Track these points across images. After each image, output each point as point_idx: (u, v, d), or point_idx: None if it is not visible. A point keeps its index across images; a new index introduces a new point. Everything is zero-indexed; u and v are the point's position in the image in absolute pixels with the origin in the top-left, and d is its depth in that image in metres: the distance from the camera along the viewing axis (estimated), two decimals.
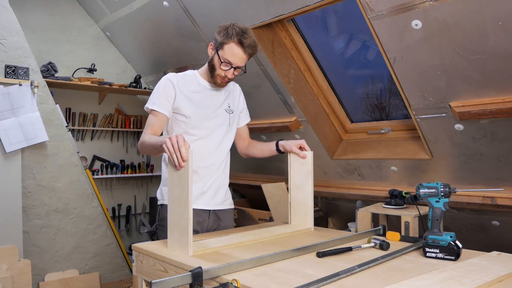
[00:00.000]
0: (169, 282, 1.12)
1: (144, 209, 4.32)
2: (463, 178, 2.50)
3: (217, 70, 1.86)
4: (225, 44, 1.80)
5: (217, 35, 1.83)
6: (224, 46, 1.80)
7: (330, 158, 3.13)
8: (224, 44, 1.80)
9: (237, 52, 1.80)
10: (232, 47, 1.80)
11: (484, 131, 2.22)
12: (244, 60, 1.85)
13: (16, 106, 3.07)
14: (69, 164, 3.39)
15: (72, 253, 3.41)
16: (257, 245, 1.59)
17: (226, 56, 1.81)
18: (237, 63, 1.83)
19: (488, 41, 1.89)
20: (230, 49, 1.80)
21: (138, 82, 4.11)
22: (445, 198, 1.44)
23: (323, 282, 1.13)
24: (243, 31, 1.80)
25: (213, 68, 1.87)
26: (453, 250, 1.37)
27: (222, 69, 1.85)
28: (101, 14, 3.86)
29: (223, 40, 1.80)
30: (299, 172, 1.89)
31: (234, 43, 1.79)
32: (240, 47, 1.80)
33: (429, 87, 2.23)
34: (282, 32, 2.87)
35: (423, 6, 1.93)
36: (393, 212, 2.47)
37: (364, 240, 1.64)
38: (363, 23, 2.21)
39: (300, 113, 3.02)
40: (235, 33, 1.78)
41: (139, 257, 1.59)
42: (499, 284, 1.11)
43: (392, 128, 2.87)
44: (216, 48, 1.84)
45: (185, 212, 1.45)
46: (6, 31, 3.10)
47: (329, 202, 3.50)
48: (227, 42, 1.79)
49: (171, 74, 1.91)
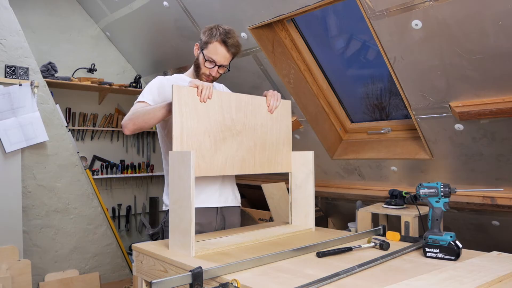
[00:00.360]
0: (169, 282, 1.12)
1: (144, 209, 4.32)
2: (463, 178, 2.50)
3: (202, 68, 1.93)
4: (209, 43, 1.89)
5: (202, 35, 1.92)
6: (209, 45, 1.89)
7: (330, 158, 3.13)
8: (208, 44, 1.89)
9: (220, 51, 1.88)
10: (216, 46, 1.88)
11: (484, 131, 2.22)
12: (227, 59, 1.92)
13: (16, 106, 3.07)
14: (69, 164, 3.39)
15: (72, 253, 3.41)
16: (257, 245, 1.59)
17: (210, 55, 1.89)
18: (221, 62, 1.91)
19: (488, 41, 1.89)
20: (214, 48, 1.88)
21: (138, 82, 4.12)
22: (445, 198, 1.44)
23: (323, 282, 1.13)
24: (226, 31, 1.89)
25: (198, 66, 1.94)
26: (453, 250, 1.37)
27: (206, 67, 1.92)
28: (101, 14, 3.86)
29: (208, 40, 1.89)
30: (300, 172, 1.89)
31: (218, 42, 1.88)
32: (224, 46, 1.88)
33: (429, 87, 2.23)
34: (282, 32, 2.87)
35: (423, 6, 1.93)
36: (393, 212, 2.48)
37: (364, 240, 1.64)
38: (363, 23, 2.21)
39: (300, 113, 3.02)
40: (219, 33, 1.87)
41: (139, 257, 1.59)
42: (499, 284, 1.11)
43: (392, 128, 2.87)
44: (201, 48, 1.92)
45: (187, 213, 1.45)
46: (6, 31, 3.10)
47: (329, 202, 3.50)
48: (211, 41, 1.88)
49: (162, 76, 1.98)
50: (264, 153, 1.82)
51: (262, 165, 1.81)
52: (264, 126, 1.82)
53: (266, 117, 1.84)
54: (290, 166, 1.92)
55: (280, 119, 1.89)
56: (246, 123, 1.76)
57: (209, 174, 1.63)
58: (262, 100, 1.84)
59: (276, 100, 1.86)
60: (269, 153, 1.84)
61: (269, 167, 1.84)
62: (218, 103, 1.66)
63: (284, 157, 1.90)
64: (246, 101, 1.77)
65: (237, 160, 1.72)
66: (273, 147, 1.85)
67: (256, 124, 1.79)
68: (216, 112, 1.66)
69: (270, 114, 1.85)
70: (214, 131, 1.64)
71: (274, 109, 1.86)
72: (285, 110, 1.92)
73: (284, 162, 1.90)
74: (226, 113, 1.69)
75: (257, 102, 1.81)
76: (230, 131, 1.70)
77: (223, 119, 1.68)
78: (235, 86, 2.97)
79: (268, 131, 1.84)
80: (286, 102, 1.93)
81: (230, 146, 1.69)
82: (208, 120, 1.63)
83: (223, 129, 1.67)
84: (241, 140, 1.73)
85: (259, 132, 1.80)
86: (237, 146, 1.72)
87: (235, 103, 1.73)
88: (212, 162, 1.63)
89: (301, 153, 1.90)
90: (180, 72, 2.09)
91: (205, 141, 1.61)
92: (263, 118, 1.83)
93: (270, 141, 1.84)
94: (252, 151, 1.77)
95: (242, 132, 1.74)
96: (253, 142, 1.78)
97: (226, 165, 1.67)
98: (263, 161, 1.81)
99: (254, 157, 1.78)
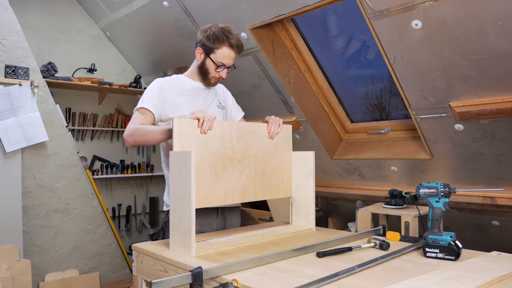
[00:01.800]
0: (169, 282, 1.12)
1: (144, 209, 4.32)
2: (463, 178, 2.50)
3: (211, 73, 1.94)
4: (218, 48, 1.89)
5: (205, 41, 1.91)
6: (216, 50, 1.89)
7: (330, 158, 3.13)
8: (216, 49, 1.89)
9: (229, 53, 1.91)
10: (224, 50, 1.90)
11: (484, 131, 2.22)
12: (234, 58, 1.96)
13: (16, 106, 3.07)
14: (69, 164, 3.39)
15: (72, 253, 3.41)
16: (257, 245, 1.59)
17: (219, 60, 1.91)
18: (230, 63, 1.95)
19: (488, 41, 1.89)
20: (222, 52, 1.90)
21: (138, 82, 4.12)
22: (445, 198, 1.44)
23: (323, 282, 1.13)
24: (229, 33, 1.90)
25: (206, 71, 1.95)
26: (453, 250, 1.37)
27: (217, 72, 1.94)
28: (101, 14, 3.86)
29: (214, 45, 1.89)
30: (300, 172, 1.89)
31: (226, 47, 1.89)
32: (231, 49, 1.90)
33: (429, 87, 2.23)
34: (282, 32, 2.87)
35: (423, 6, 1.93)
36: (393, 212, 2.48)
37: (364, 240, 1.64)
38: (363, 23, 2.21)
39: (300, 113, 3.02)
40: (225, 37, 1.88)
41: (139, 257, 1.59)
42: (499, 284, 1.11)
43: (392, 128, 2.87)
44: (207, 53, 1.92)
45: (188, 213, 1.45)
46: (6, 31, 3.10)
47: (329, 202, 3.50)
48: (219, 46, 1.89)
49: (161, 78, 1.97)
50: (265, 180, 1.80)
51: (263, 192, 1.80)
52: (264, 153, 1.80)
53: (266, 143, 1.81)
54: (290, 190, 1.91)
55: (281, 144, 1.87)
56: (247, 151, 1.73)
57: (209, 205, 1.61)
58: (263, 126, 1.82)
59: (278, 126, 1.85)
60: (269, 180, 1.82)
61: (270, 193, 1.83)
62: (218, 133, 1.64)
63: (285, 182, 1.89)
64: (246, 129, 1.74)
65: (238, 189, 1.70)
66: (273, 173, 1.84)
67: (257, 151, 1.77)
68: (217, 143, 1.63)
69: (270, 141, 1.83)
70: (214, 161, 1.62)
71: (275, 135, 1.84)
72: (286, 135, 1.90)
73: (285, 187, 1.89)
74: (226, 143, 1.66)
75: (258, 129, 1.79)
76: (231, 160, 1.68)
77: (223, 148, 1.65)
78: (235, 86, 2.97)
79: (269, 157, 1.82)
80: (287, 127, 1.92)
81: (231, 175, 1.67)
82: (209, 151, 1.60)
83: (223, 159, 1.65)
84: (241, 168, 1.71)
85: (259, 159, 1.78)
86: (237, 174, 1.70)
87: (236, 132, 1.70)
88: (212, 193, 1.60)
89: (302, 153, 1.90)
90: (180, 72, 2.08)
91: (206, 172, 1.58)
92: (264, 145, 1.80)
93: (271, 167, 1.83)
94: (253, 179, 1.75)
95: (243, 160, 1.72)
96: (254, 169, 1.76)
97: (227, 195, 1.66)
98: (264, 188, 1.80)
99: (255, 184, 1.76)
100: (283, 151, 1.89)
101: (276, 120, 1.86)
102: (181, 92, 1.94)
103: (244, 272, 1.26)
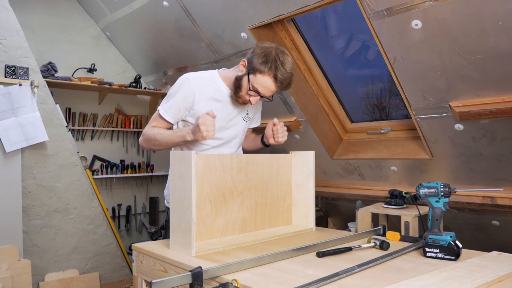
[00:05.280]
0: (169, 282, 1.12)
1: (144, 209, 4.32)
2: (463, 178, 2.50)
3: (242, 92, 1.78)
4: (260, 73, 1.71)
5: (255, 58, 1.72)
6: (258, 74, 1.71)
7: (330, 158, 3.13)
8: (258, 72, 1.71)
9: (269, 85, 1.73)
10: (265, 79, 1.71)
11: (484, 131, 2.22)
12: (273, 92, 1.77)
13: (16, 106, 3.07)
14: (69, 164, 3.39)
15: (72, 253, 3.41)
16: (257, 245, 1.59)
17: (256, 85, 1.73)
18: (266, 94, 1.77)
19: (488, 41, 1.89)
20: (263, 80, 1.71)
21: (138, 82, 4.11)
22: (445, 198, 1.44)
23: (323, 282, 1.13)
24: (282, 64, 1.69)
25: (239, 88, 1.78)
26: (453, 250, 1.37)
27: (248, 94, 1.78)
28: (101, 14, 3.86)
29: (259, 68, 1.70)
30: (300, 172, 1.89)
31: (269, 77, 1.70)
32: (274, 82, 1.72)
33: (429, 87, 2.23)
34: (282, 32, 2.87)
35: (423, 6, 1.93)
36: (393, 212, 2.48)
37: (364, 240, 1.64)
38: (363, 23, 2.21)
39: (300, 113, 3.02)
40: (274, 67, 1.68)
41: (139, 257, 1.59)
42: (499, 284, 1.11)
43: (392, 128, 2.87)
44: (249, 70, 1.74)
45: (188, 213, 1.45)
46: (6, 31, 3.10)
47: (329, 202, 3.50)
48: (263, 72, 1.70)
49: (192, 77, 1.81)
50: (265, 210, 1.80)
51: (264, 223, 1.79)
52: (265, 183, 1.79)
53: (267, 173, 1.80)
54: (291, 219, 1.91)
55: (282, 173, 1.87)
56: (247, 182, 1.72)
57: (209, 239, 1.60)
58: (263, 157, 1.78)
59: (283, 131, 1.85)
60: (270, 210, 1.82)
61: (270, 223, 1.82)
62: (219, 167, 1.62)
63: (285, 211, 1.89)
64: (247, 161, 1.72)
65: (238, 221, 1.69)
66: (274, 203, 1.84)
67: (257, 182, 1.76)
68: (218, 177, 1.61)
69: (271, 171, 1.80)
70: (215, 195, 1.61)
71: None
72: (287, 164, 1.89)
73: (285, 216, 1.89)
74: (227, 176, 1.64)
75: (258, 161, 1.77)
76: (231, 193, 1.67)
77: (224, 182, 1.63)
78: None
79: (269, 188, 1.81)
80: (288, 156, 1.90)
81: (231, 208, 1.66)
82: (209, 185, 1.59)
83: (224, 192, 1.64)
84: (241, 200, 1.70)
85: (260, 190, 1.77)
86: (238, 207, 1.69)
87: (236, 165, 1.68)
88: (212, 227, 1.60)
89: (302, 153, 1.90)
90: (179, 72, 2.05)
91: (206, 207, 1.57)
92: (264, 175, 1.79)
93: (271, 198, 1.82)
94: (253, 210, 1.75)
95: (243, 193, 1.71)
96: (254, 201, 1.75)
97: (227, 228, 1.65)
98: (264, 219, 1.79)
99: (255, 216, 1.76)
100: (283, 181, 1.88)
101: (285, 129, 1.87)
102: (210, 97, 1.83)
103: (244, 272, 1.26)
